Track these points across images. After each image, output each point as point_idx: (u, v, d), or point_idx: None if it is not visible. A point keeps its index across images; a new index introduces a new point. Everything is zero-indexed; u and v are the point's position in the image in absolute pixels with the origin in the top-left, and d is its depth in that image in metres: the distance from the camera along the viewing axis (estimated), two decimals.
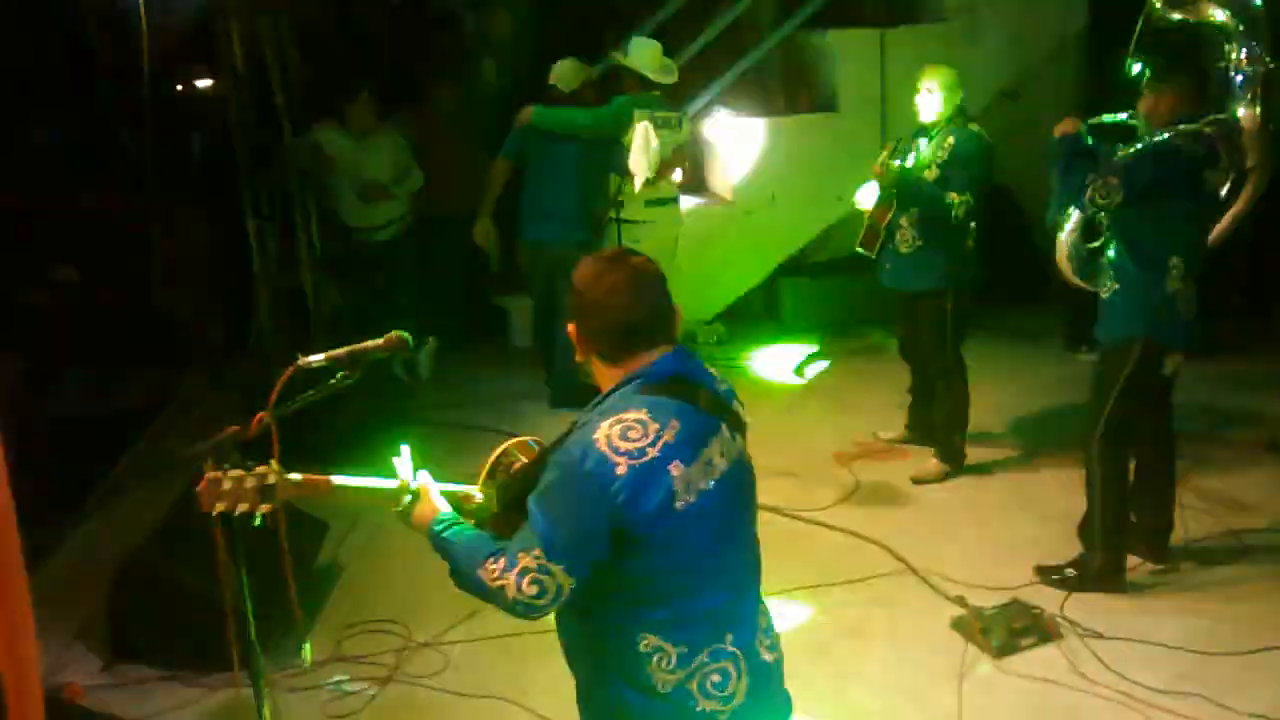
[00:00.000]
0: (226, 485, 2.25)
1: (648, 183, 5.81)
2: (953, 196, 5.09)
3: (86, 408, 6.78)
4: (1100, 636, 4.11)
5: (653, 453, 2.06)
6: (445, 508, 2.34)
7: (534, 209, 6.37)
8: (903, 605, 4.45)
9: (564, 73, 6.29)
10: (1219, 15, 4.89)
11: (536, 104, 6.27)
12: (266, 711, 2.74)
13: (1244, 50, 4.83)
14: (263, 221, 6.94)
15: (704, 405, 2.18)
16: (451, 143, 7.15)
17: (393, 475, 2.41)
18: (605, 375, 2.23)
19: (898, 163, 5.21)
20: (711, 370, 2.32)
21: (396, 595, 4.57)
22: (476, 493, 2.45)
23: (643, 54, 6.12)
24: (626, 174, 5.70)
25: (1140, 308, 4.23)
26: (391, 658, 4.20)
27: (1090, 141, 4.31)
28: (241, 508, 2.25)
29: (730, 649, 2.20)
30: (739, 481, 2.26)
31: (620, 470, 2.04)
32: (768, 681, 2.29)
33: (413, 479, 2.38)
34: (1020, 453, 5.77)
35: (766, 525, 5.26)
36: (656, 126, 5.83)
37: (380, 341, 2.62)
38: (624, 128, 5.93)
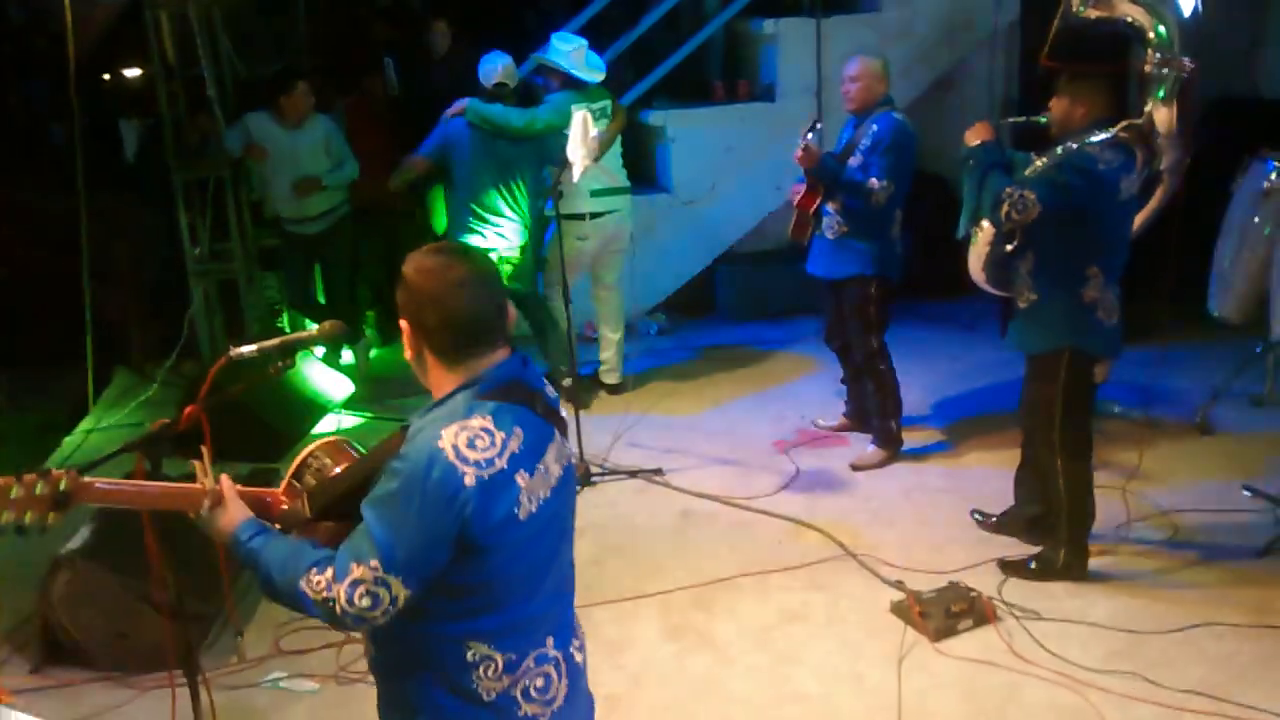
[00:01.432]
0: (16, 493, 2.06)
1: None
2: (873, 183, 5.13)
3: (15, 402, 6.65)
4: (1036, 617, 4.18)
5: (500, 463, 2.01)
6: (248, 513, 2.20)
7: (479, 215, 6.01)
8: (842, 590, 4.48)
9: (501, 70, 6.04)
10: (1137, 16, 4.95)
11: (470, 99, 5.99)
12: (204, 710, 2.70)
13: (1160, 52, 4.88)
14: (195, 213, 6.84)
15: (540, 412, 2.13)
16: (386, 133, 7.07)
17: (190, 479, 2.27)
18: (441, 377, 2.11)
19: (813, 139, 5.20)
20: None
21: None
22: (280, 498, 2.32)
23: (566, 52, 6.04)
24: (564, 164, 5.66)
25: (1061, 318, 4.23)
26: (331, 654, 4.15)
27: (1004, 150, 4.33)
28: (30, 518, 2.07)
29: (552, 653, 2.19)
30: (568, 487, 2.22)
31: (469, 480, 1.97)
32: (580, 681, 2.29)
33: (212, 482, 2.24)
34: (957, 438, 5.83)
35: (708, 514, 5.34)
36: (595, 118, 5.81)
37: (314, 331, 2.59)
38: (566, 123, 5.81)
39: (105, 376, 6.87)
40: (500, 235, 6.03)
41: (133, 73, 7.96)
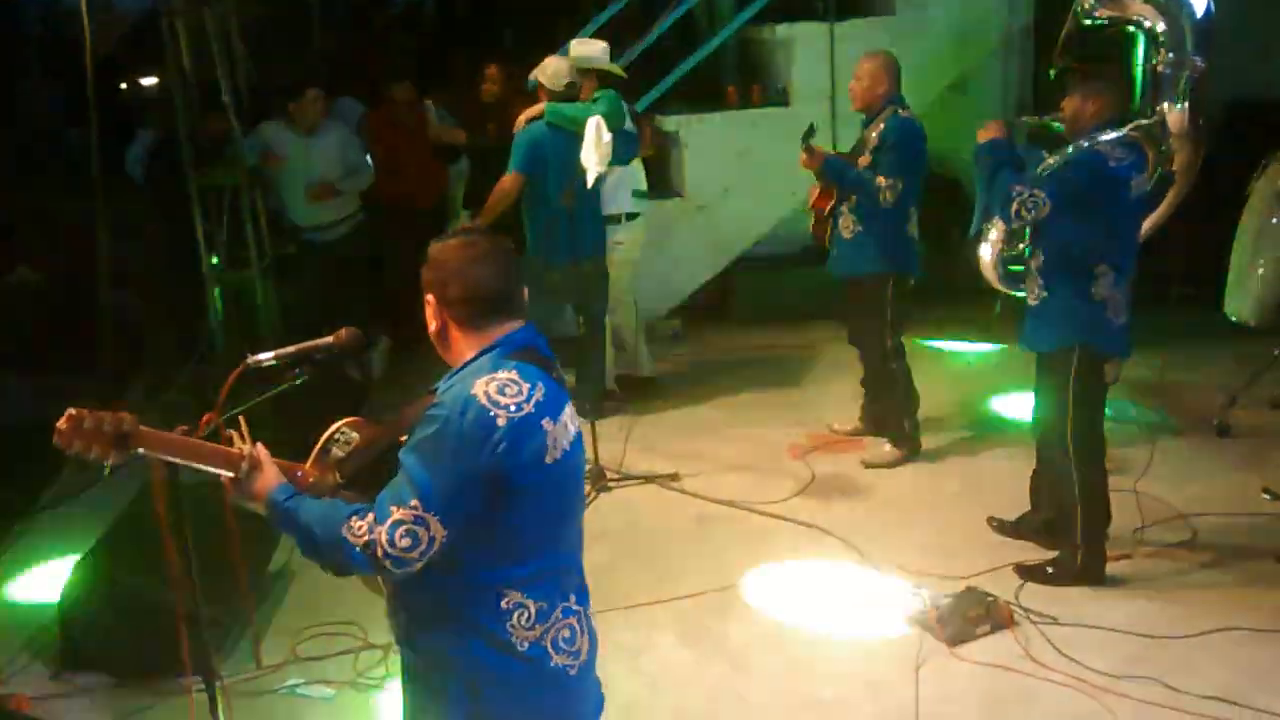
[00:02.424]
0: (88, 424, 2.17)
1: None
2: (879, 180, 5.13)
3: (33, 413, 6.67)
4: (1054, 622, 4.16)
5: (528, 408, 2.13)
6: (283, 478, 2.32)
7: (566, 223, 5.75)
8: (859, 595, 4.47)
9: (554, 70, 5.87)
10: (1149, 15, 4.94)
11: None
12: (221, 716, 2.71)
13: (1172, 52, 4.87)
14: (211, 221, 6.87)
15: (555, 377, 2.26)
16: (405, 138, 7.10)
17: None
18: (463, 343, 2.26)
19: (818, 143, 5.24)
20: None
21: (351, 599, 4.50)
22: (308, 470, 2.41)
23: (594, 51, 6.02)
24: (579, 169, 5.66)
25: (1071, 315, 4.23)
26: (347, 661, 4.16)
27: (1015, 146, 4.33)
28: (96, 453, 2.18)
29: (575, 607, 2.29)
30: (580, 452, 2.32)
31: (500, 421, 2.09)
32: (595, 641, 2.38)
33: (250, 448, 2.34)
34: (974, 442, 5.82)
35: (724, 519, 5.33)
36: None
37: (331, 339, 2.59)
38: (623, 119, 5.78)
39: (123, 383, 6.89)
40: (595, 250, 5.96)
41: (149, 81, 8.00)
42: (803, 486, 5.43)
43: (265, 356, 2.58)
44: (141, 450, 2.24)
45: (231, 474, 2.32)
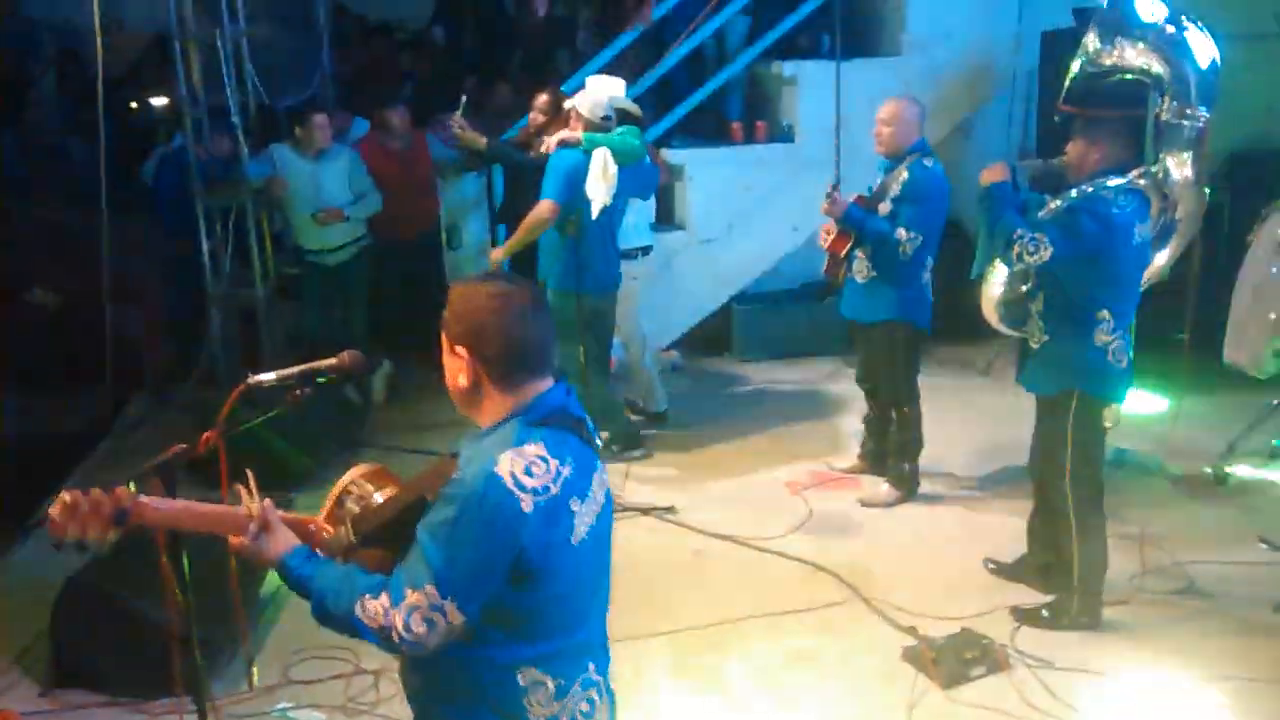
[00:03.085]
0: (84, 507, 2.09)
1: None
2: (900, 234, 5.13)
3: (31, 428, 6.67)
4: (1049, 666, 4.14)
5: (554, 490, 2.04)
6: (295, 540, 2.22)
7: (601, 254, 5.78)
8: (854, 635, 4.45)
9: (594, 102, 5.75)
10: (1153, 65, 4.96)
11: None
12: None
13: (1176, 101, 4.89)
14: (216, 241, 6.90)
15: (584, 439, 2.18)
16: (395, 165, 7.11)
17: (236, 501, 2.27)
18: (495, 404, 2.14)
19: (842, 194, 5.25)
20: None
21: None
22: (323, 525, 2.33)
23: (618, 90, 6.00)
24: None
25: (1070, 360, 4.24)
26: (340, 684, 4.14)
27: (1018, 189, 4.34)
28: (93, 535, 2.10)
29: (594, 677, 2.23)
30: (609, 514, 2.25)
31: (526, 506, 2.00)
32: (615, 705, 2.33)
33: (257, 507, 2.24)
34: (971, 484, 5.81)
35: (719, 555, 5.31)
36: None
37: (333, 361, 2.59)
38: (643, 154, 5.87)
39: (123, 400, 6.90)
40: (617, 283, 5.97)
41: (159, 100, 8.05)
42: (800, 523, 5.42)
43: (267, 377, 2.58)
44: (140, 522, 2.15)
45: (236, 539, 2.23)
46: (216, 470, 2.58)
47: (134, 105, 8.40)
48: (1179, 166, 4.88)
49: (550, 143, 5.73)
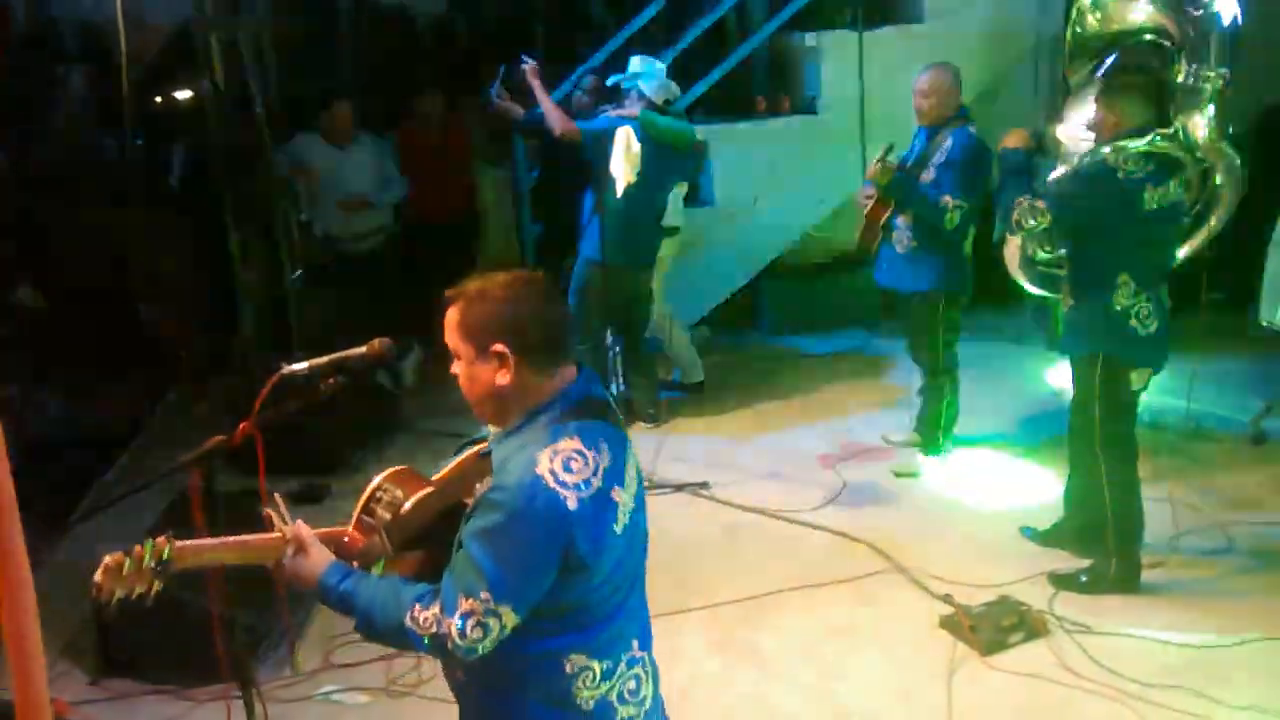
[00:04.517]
0: (128, 568, 2.13)
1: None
2: (946, 200, 5.06)
3: (71, 422, 6.75)
4: (1088, 631, 4.13)
5: (596, 482, 2.04)
6: (331, 557, 2.22)
7: (631, 229, 5.89)
8: (891, 604, 4.46)
9: (659, 83, 5.90)
10: (1164, 25, 4.85)
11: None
12: None
13: (1194, 62, 4.79)
14: (244, 232, 6.93)
15: (614, 422, 2.18)
16: (431, 152, 7.14)
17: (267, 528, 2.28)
18: (532, 392, 2.12)
19: (894, 160, 5.20)
20: None
21: None
22: (355, 535, 2.33)
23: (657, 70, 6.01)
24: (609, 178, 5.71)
25: (1094, 324, 4.25)
26: (382, 667, 4.19)
27: (1031, 157, 4.34)
28: (138, 590, 2.14)
29: (639, 654, 2.25)
30: (643, 492, 2.26)
31: (571, 504, 2.00)
32: (658, 678, 2.35)
33: (290, 528, 2.24)
34: (1004, 451, 5.78)
35: (754, 528, 5.32)
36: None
37: (364, 349, 2.61)
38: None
39: (158, 393, 6.97)
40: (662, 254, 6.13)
41: (183, 94, 8.09)
42: (834, 494, 5.42)
43: (299, 366, 2.60)
44: (181, 568, 2.18)
45: (273, 563, 2.23)
46: (253, 460, 2.60)
47: (159, 99, 8.44)
48: (1199, 128, 4.78)
49: (615, 111, 5.88)
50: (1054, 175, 4.25)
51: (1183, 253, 4.78)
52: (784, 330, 7.87)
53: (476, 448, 2.32)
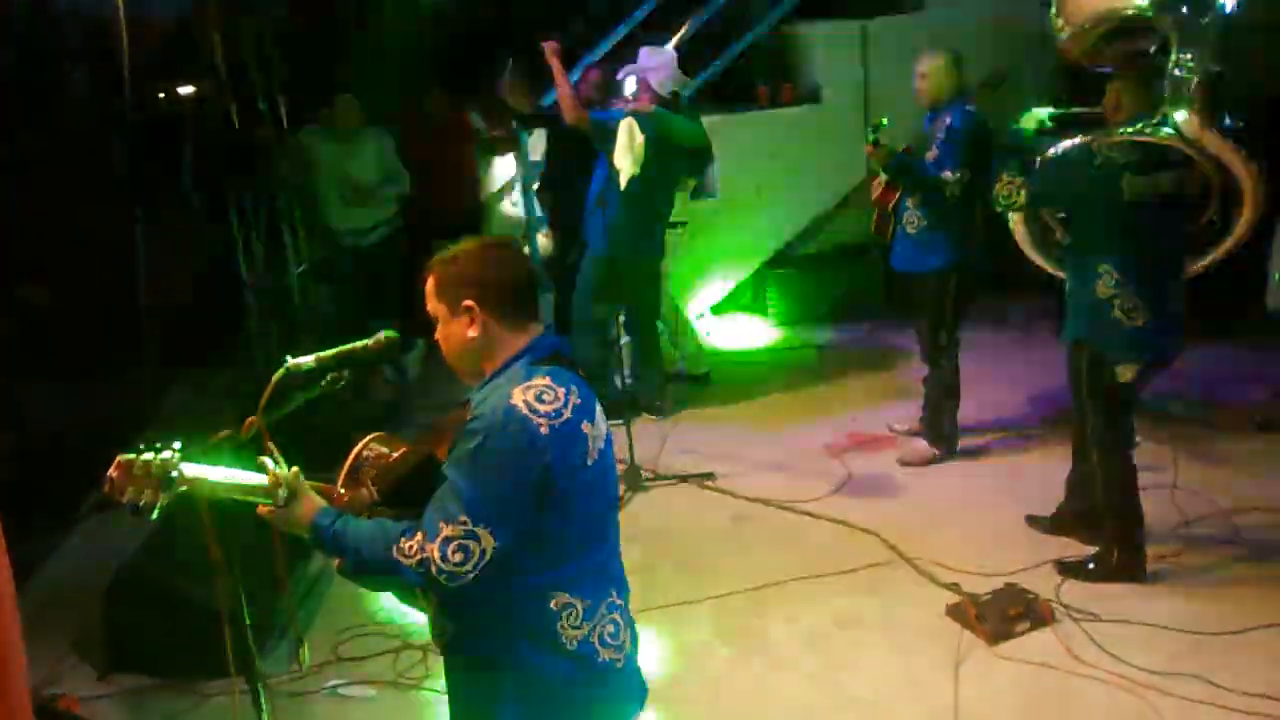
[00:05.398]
0: (137, 469, 2.20)
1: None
2: (947, 175, 5.10)
3: (75, 418, 6.76)
4: (1095, 619, 4.13)
5: (567, 414, 2.17)
6: (323, 502, 2.32)
7: (635, 223, 5.88)
8: (897, 594, 4.46)
9: (663, 78, 5.86)
10: (1163, 16, 4.75)
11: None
12: (265, 716, 2.74)
13: (1185, 53, 4.69)
14: (248, 226, 6.94)
15: (581, 376, 2.31)
16: (440, 144, 7.14)
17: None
18: (504, 345, 2.27)
19: (886, 129, 5.22)
20: None
21: (390, 600, 4.56)
22: (340, 493, 2.40)
23: (667, 61, 5.96)
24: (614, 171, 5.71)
25: (1080, 311, 4.27)
26: (388, 661, 4.20)
27: (1031, 140, 4.38)
28: (146, 498, 2.21)
29: (617, 601, 2.34)
30: (611, 447, 2.37)
31: (544, 429, 2.12)
32: (637, 638, 2.43)
33: (285, 474, 2.33)
34: (1011, 440, 5.78)
35: (760, 518, 5.32)
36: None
37: (369, 342, 2.61)
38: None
39: (162, 389, 6.98)
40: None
41: (186, 90, 8.08)
42: (840, 484, 5.42)
43: (305, 360, 2.60)
44: (185, 488, 2.25)
45: (271, 503, 2.31)
46: (259, 454, 2.60)
47: (161, 96, 8.44)
48: (1188, 123, 4.65)
49: (628, 106, 5.87)
50: (1045, 156, 4.24)
51: (1201, 264, 4.72)
52: (788, 320, 7.87)
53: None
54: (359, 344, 2.62)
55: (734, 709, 3.88)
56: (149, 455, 2.21)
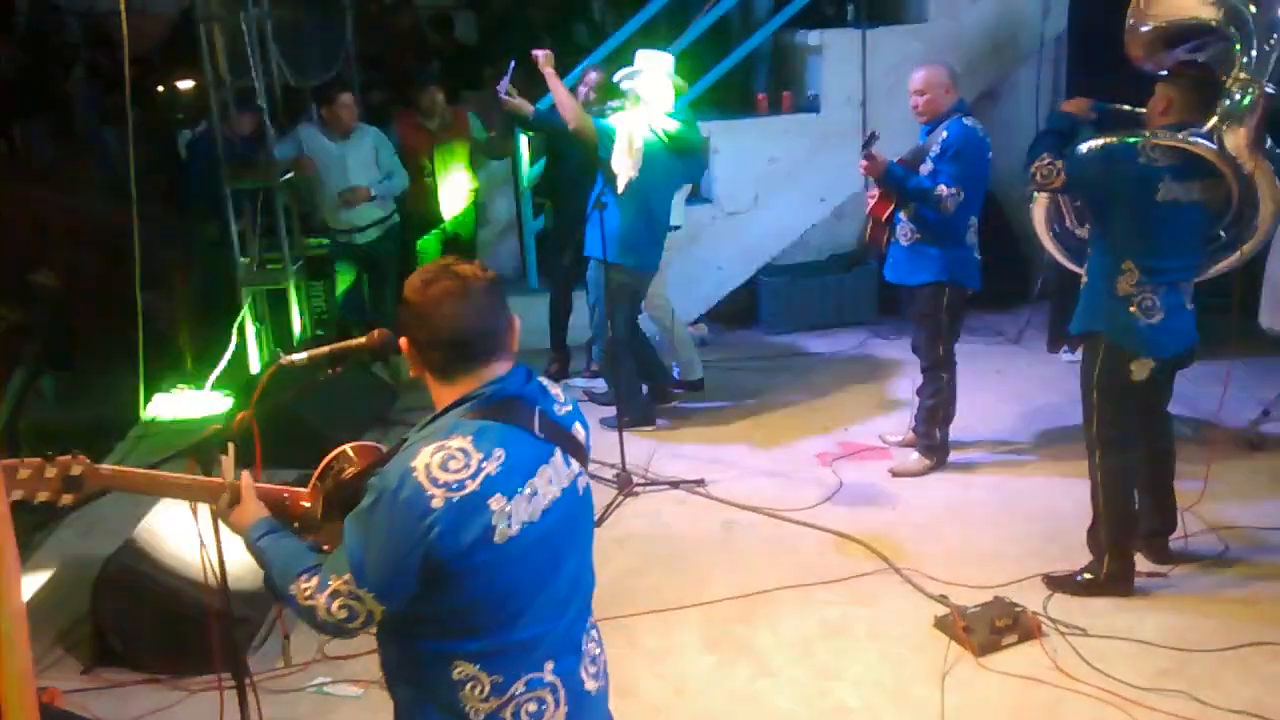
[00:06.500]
0: (23, 474, 2.19)
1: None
2: (941, 190, 5.09)
3: (67, 413, 6.76)
4: (1083, 634, 4.13)
5: (472, 485, 1.97)
6: (263, 512, 2.27)
7: (632, 229, 5.83)
8: (885, 604, 4.46)
9: (656, 85, 5.83)
10: (1230, 27, 4.71)
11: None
12: (250, 713, 2.73)
13: (1243, 70, 4.67)
14: (244, 222, 6.94)
15: (539, 430, 2.10)
16: (430, 144, 7.13)
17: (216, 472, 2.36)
18: (440, 393, 2.13)
19: (883, 156, 5.22)
20: (554, 391, 2.24)
21: None
22: (303, 497, 2.39)
23: (664, 64, 5.92)
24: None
25: (1097, 305, 4.25)
26: (374, 659, 4.17)
27: (1075, 125, 4.36)
28: (41, 497, 2.20)
29: (549, 678, 2.12)
30: (570, 510, 2.15)
31: (436, 503, 1.95)
32: (589, 711, 2.22)
33: (233, 478, 2.32)
34: (1002, 453, 5.78)
35: (750, 526, 5.32)
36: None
37: (363, 340, 2.61)
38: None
39: (156, 382, 6.97)
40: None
41: (185, 84, 8.08)
42: (830, 494, 5.42)
43: (298, 357, 2.60)
44: (103, 489, 2.25)
45: (212, 504, 2.32)
46: (251, 450, 2.60)
47: (161, 89, 8.44)
48: (1231, 140, 4.63)
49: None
50: (1087, 145, 4.24)
51: (1216, 270, 4.73)
52: (783, 328, 7.87)
53: None
54: (353, 342, 2.61)
55: (720, 715, 3.87)
56: (37, 461, 2.20)
